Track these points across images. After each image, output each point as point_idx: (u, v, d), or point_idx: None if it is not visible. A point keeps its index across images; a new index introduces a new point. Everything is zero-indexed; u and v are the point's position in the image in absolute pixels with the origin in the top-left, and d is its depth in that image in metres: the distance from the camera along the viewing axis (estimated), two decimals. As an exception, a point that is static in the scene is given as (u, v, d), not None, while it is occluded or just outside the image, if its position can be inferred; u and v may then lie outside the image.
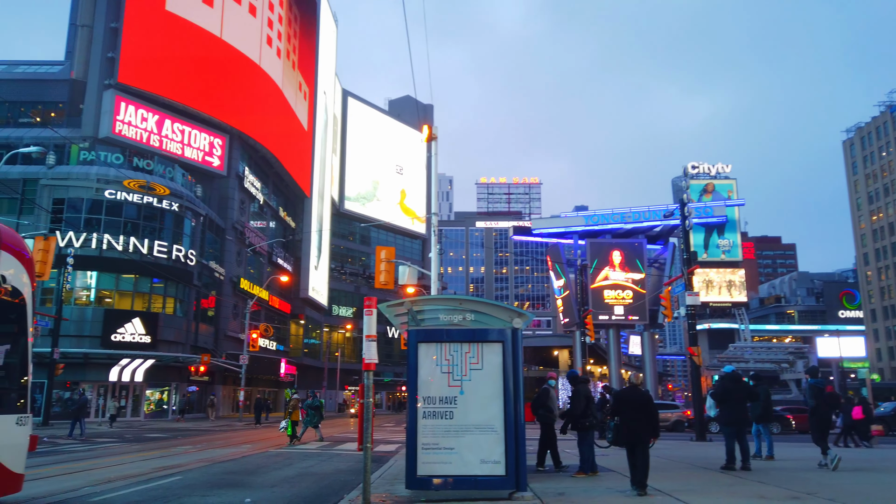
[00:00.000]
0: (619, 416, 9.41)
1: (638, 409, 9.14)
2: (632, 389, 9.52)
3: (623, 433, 9.26)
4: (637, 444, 9.12)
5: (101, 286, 37.59)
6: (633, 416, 9.15)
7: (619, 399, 9.58)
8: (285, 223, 63.43)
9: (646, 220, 47.07)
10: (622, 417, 9.31)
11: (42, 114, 42.58)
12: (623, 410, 9.33)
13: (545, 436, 12.17)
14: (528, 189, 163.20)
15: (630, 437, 9.16)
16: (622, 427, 9.28)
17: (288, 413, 20.72)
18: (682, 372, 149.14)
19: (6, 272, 8.03)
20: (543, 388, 12.64)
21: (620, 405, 9.43)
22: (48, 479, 11.03)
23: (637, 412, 9.14)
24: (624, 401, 9.40)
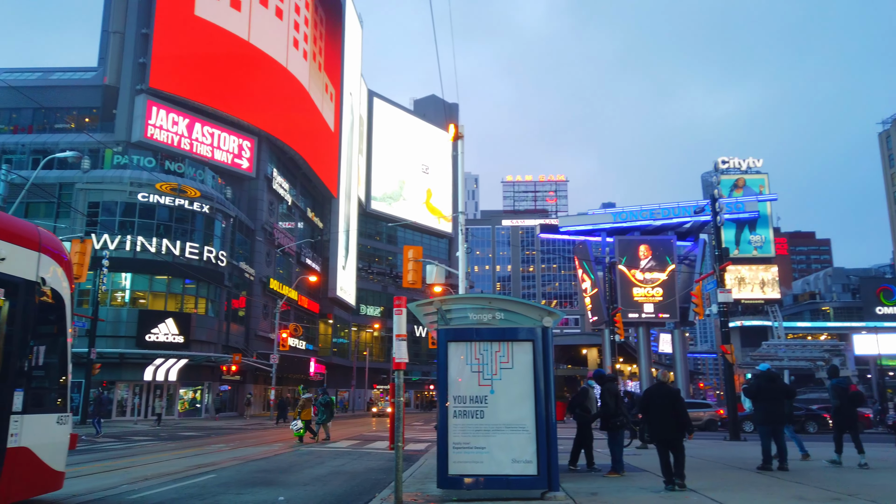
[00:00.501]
0: (648, 413, 9.50)
1: (666, 406, 9.25)
2: (659, 386, 9.65)
3: (653, 430, 9.39)
4: (667, 441, 9.26)
5: (136, 287, 38.38)
6: (661, 413, 9.25)
7: (648, 396, 9.67)
8: (313, 224, 64.02)
9: (675, 216, 46.36)
10: (651, 414, 9.41)
11: (77, 119, 43.60)
12: (652, 407, 9.44)
13: (581, 435, 12.09)
14: (554, 186, 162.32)
15: (660, 434, 9.30)
16: (651, 424, 9.39)
17: (298, 412, 20.59)
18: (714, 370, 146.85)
19: (45, 274, 8.23)
20: (582, 387, 12.62)
21: (649, 402, 9.53)
22: (88, 477, 11.29)
23: (665, 408, 9.24)
24: (652, 397, 9.51)
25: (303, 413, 20.27)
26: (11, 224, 8.03)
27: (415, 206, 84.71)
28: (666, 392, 9.45)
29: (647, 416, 9.59)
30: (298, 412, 20.44)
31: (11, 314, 7.68)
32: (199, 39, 44.20)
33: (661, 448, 9.40)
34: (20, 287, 7.78)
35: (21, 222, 8.43)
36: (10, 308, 7.66)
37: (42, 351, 8.39)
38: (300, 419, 20.23)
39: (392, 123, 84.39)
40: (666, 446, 9.32)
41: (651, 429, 9.53)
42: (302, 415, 20.24)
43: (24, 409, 7.66)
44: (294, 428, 20.17)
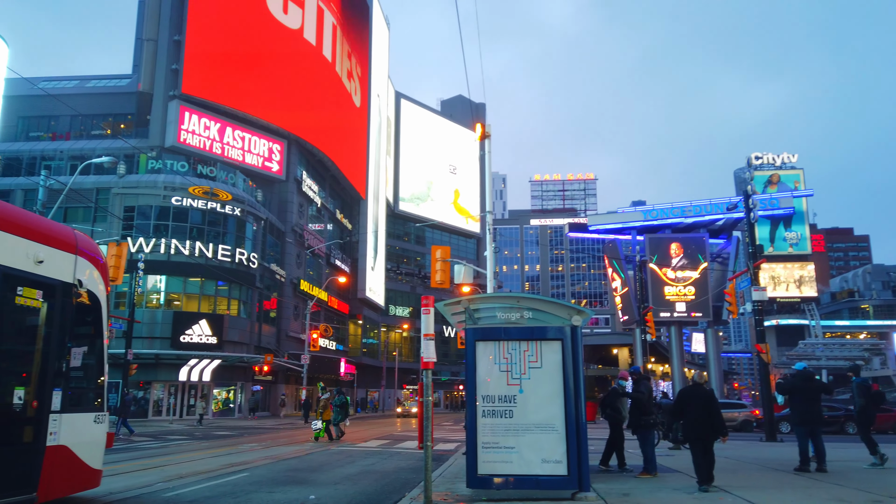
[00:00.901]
0: (683, 414, 9.55)
1: (701, 407, 9.31)
2: (695, 387, 9.70)
3: (687, 430, 9.44)
4: (701, 441, 9.30)
5: (170, 289, 39.13)
6: (696, 414, 9.31)
7: (683, 397, 9.70)
8: (342, 225, 64.53)
9: (707, 213, 45.62)
10: (686, 414, 9.46)
11: (112, 125, 44.66)
12: (686, 408, 9.49)
13: (612, 435, 11.97)
14: (583, 185, 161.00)
15: (694, 434, 9.34)
16: (686, 424, 9.44)
17: (319, 413, 20.73)
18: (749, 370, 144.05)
19: (82, 276, 8.42)
20: (612, 387, 12.48)
21: (684, 403, 9.58)
22: (124, 475, 11.53)
23: (700, 410, 9.30)
24: (687, 398, 9.56)
25: (324, 413, 20.48)
26: (49, 227, 8.24)
27: (442, 206, 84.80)
28: (701, 393, 9.51)
29: (683, 416, 9.64)
30: (320, 412, 20.65)
31: (49, 315, 7.88)
32: (231, 42, 44.91)
33: (695, 448, 9.41)
34: (58, 289, 7.97)
35: (58, 226, 8.65)
36: (48, 309, 7.86)
37: (79, 351, 8.57)
38: (320, 419, 20.46)
39: (419, 124, 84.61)
40: (700, 446, 9.34)
41: (686, 429, 9.57)
42: (323, 415, 20.45)
43: (62, 408, 7.85)
44: (314, 428, 20.40)
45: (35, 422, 7.52)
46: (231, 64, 44.85)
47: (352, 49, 64.35)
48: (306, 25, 52.87)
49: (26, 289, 7.52)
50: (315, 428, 20.42)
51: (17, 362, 7.69)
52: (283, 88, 49.16)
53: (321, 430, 20.34)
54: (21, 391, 7.45)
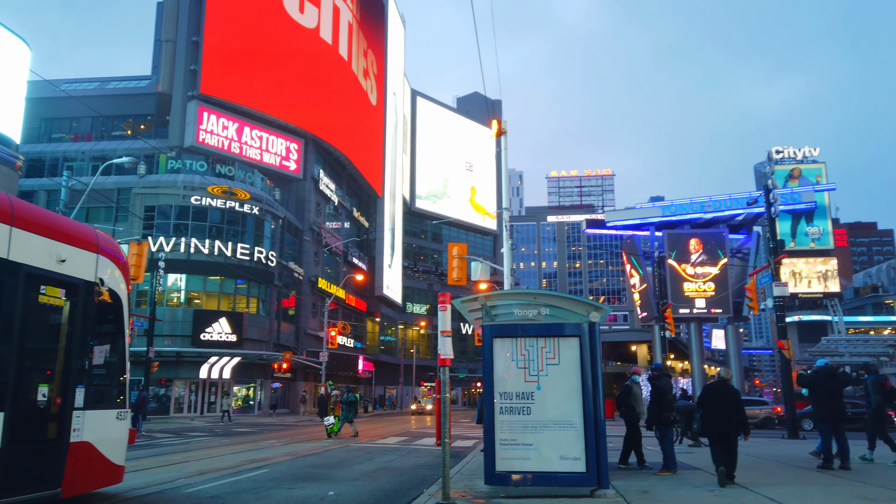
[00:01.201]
0: (706, 410, 9.59)
1: (725, 404, 9.36)
2: (720, 384, 9.73)
3: (710, 426, 9.49)
4: (724, 438, 9.37)
5: (190, 288, 39.57)
6: (720, 410, 9.35)
7: (707, 392, 9.75)
8: (359, 223, 64.77)
9: (727, 208, 45.07)
10: (709, 411, 9.51)
11: (133, 126, 45.23)
12: (710, 404, 9.54)
13: (629, 433, 11.89)
14: (600, 181, 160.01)
15: (717, 430, 9.39)
16: (709, 420, 9.47)
17: (331, 409, 20.85)
18: (770, 367, 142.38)
19: (103, 275, 8.53)
20: (626, 384, 12.38)
21: (708, 398, 9.63)
22: (146, 471, 11.68)
23: (724, 406, 9.35)
24: (711, 394, 9.61)
25: (334, 410, 20.63)
26: (71, 227, 8.36)
27: (459, 203, 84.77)
28: (727, 390, 9.56)
29: (706, 412, 9.65)
30: (331, 409, 20.78)
31: (72, 314, 7.99)
32: (248, 42, 45.23)
33: (715, 444, 9.47)
34: (80, 288, 8.08)
35: (80, 225, 8.77)
36: (70, 308, 7.97)
37: (101, 349, 8.68)
38: (333, 415, 20.59)
39: (435, 122, 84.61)
40: (722, 443, 9.38)
41: (708, 425, 9.57)
42: (334, 411, 20.59)
43: (85, 405, 7.96)
44: (327, 424, 20.53)
45: (59, 418, 7.63)
46: (248, 64, 45.18)
47: (368, 47, 64.50)
48: (322, 24, 53.07)
49: (49, 287, 7.63)
50: (328, 424, 20.58)
51: (40, 360, 7.82)
52: (299, 87, 49.42)
53: (335, 425, 20.48)
54: (45, 388, 7.57)
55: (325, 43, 53.46)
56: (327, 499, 8.95)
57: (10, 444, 6.76)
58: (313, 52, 51.82)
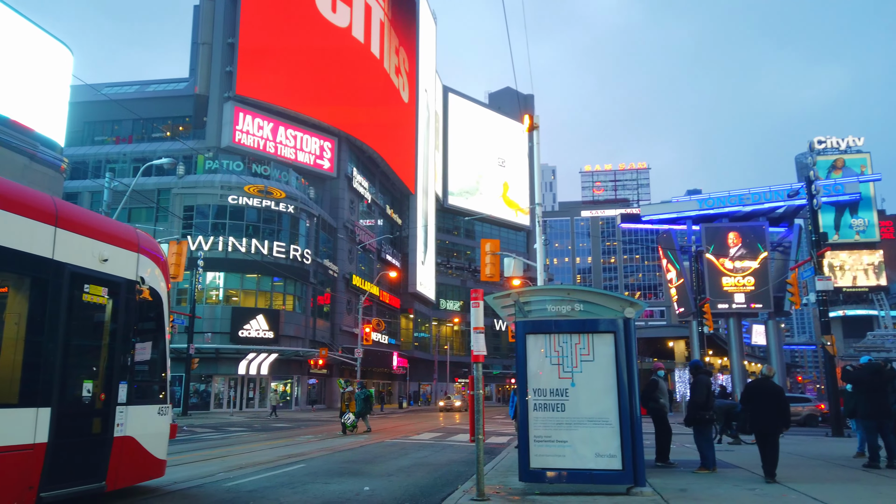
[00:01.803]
0: (750, 407, 9.65)
1: (769, 401, 9.42)
2: (763, 381, 9.77)
3: (753, 423, 9.54)
4: (767, 435, 9.41)
5: (228, 286, 40.34)
6: (764, 407, 9.42)
7: (750, 389, 9.80)
8: (392, 220, 65.12)
9: (767, 200, 43.96)
10: (752, 408, 9.56)
11: (171, 128, 46.25)
12: (754, 401, 9.58)
13: (659, 429, 11.72)
14: (635, 175, 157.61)
15: (761, 427, 9.47)
16: (753, 417, 9.54)
17: (346, 406, 21.06)
18: (814, 363, 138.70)
19: (144, 274, 8.74)
20: (651, 379, 12.20)
21: (751, 395, 9.68)
22: (187, 465, 11.95)
23: (768, 403, 9.41)
24: (755, 391, 9.67)
25: (350, 405, 20.84)
26: (112, 227, 8.58)
27: (492, 199, 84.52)
28: (770, 387, 9.62)
29: (749, 408, 9.75)
30: (346, 405, 21.01)
31: (114, 312, 8.21)
32: (282, 42, 45.81)
33: (761, 441, 9.51)
34: (122, 286, 8.30)
35: (121, 225, 9.00)
36: (112, 306, 8.19)
37: (143, 346, 8.91)
38: (350, 411, 20.82)
39: (467, 118, 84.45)
40: (767, 440, 9.46)
41: (753, 422, 9.65)
42: (350, 407, 20.80)
43: (128, 400, 8.18)
44: (348, 421, 20.74)
45: (103, 414, 7.85)
46: (282, 64, 45.76)
47: (399, 45, 64.69)
48: (354, 23, 53.42)
49: (92, 286, 7.85)
50: (349, 421, 20.80)
51: (85, 357, 8.04)
52: (332, 86, 49.86)
53: (354, 421, 20.72)
54: (90, 384, 7.79)
55: (357, 41, 53.81)
56: (363, 494, 9.03)
57: (56, 438, 6.98)
58: (346, 50, 52.21)
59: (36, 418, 6.78)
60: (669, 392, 12.68)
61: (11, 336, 6.91)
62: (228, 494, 8.80)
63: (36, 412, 6.79)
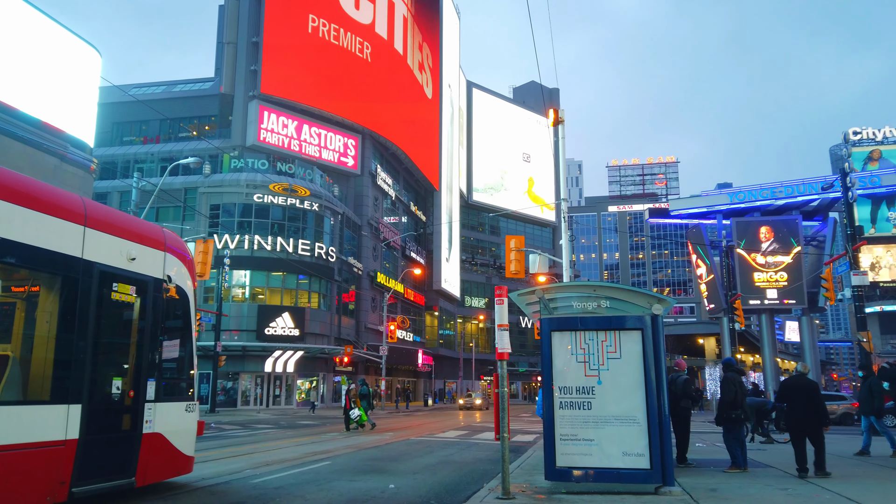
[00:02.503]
0: (785, 404, 9.92)
1: (804, 398, 9.52)
2: (798, 378, 9.87)
3: (788, 421, 9.81)
4: (805, 432, 9.54)
5: (254, 283, 40.76)
6: (799, 404, 9.51)
7: (786, 387, 9.90)
8: (416, 217, 65.18)
9: (800, 194, 43.01)
10: (790, 405, 9.79)
11: (197, 127, 46.85)
12: (789, 398, 9.79)
13: (678, 429, 11.51)
14: (663, 169, 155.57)
15: (797, 425, 9.62)
16: (787, 414, 9.82)
17: (351, 403, 21.23)
18: (849, 360, 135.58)
19: (171, 272, 8.83)
20: (670, 377, 12.01)
21: (787, 393, 9.80)
22: (214, 462, 12.07)
23: (803, 400, 9.52)
24: (790, 389, 9.76)
25: (356, 402, 21.04)
26: (140, 226, 8.68)
27: (516, 195, 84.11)
28: (805, 384, 9.68)
29: (786, 406, 9.98)
30: (353, 402, 21.15)
31: (142, 310, 8.30)
32: (305, 40, 46.07)
33: (797, 438, 9.66)
34: (149, 284, 8.39)
35: (148, 224, 9.09)
36: (140, 304, 8.28)
37: (170, 344, 9.00)
38: (357, 408, 21.00)
39: (491, 113, 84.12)
40: (803, 437, 9.59)
41: (788, 419, 9.82)
42: (356, 403, 21.00)
43: (156, 397, 8.27)
44: (354, 417, 20.89)
45: (132, 410, 7.95)
46: (306, 62, 46.04)
47: (423, 40, 64.65)
48: (378, 19, 53.51)
49: (121, 285, 7.94)
50: (354, 416, 20.98)
51: (114, 354, 8.14)
52: (356, 83, 50.02)
53: (360, 417, 20.92)
54: (119, 381, 7.88)
55: (380, 38, 53.90)
56: (388, 492, 9.01)
57: (87, 435, 7.08)
58: (369, 47, 52.31)
59: (67, 415, 6.88)
60: (698, 390, 12.54)
61: (43, 334, 7.02)
62: (255, 491, 8.85)
63: (67, 409, 6.89)
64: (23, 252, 6.59)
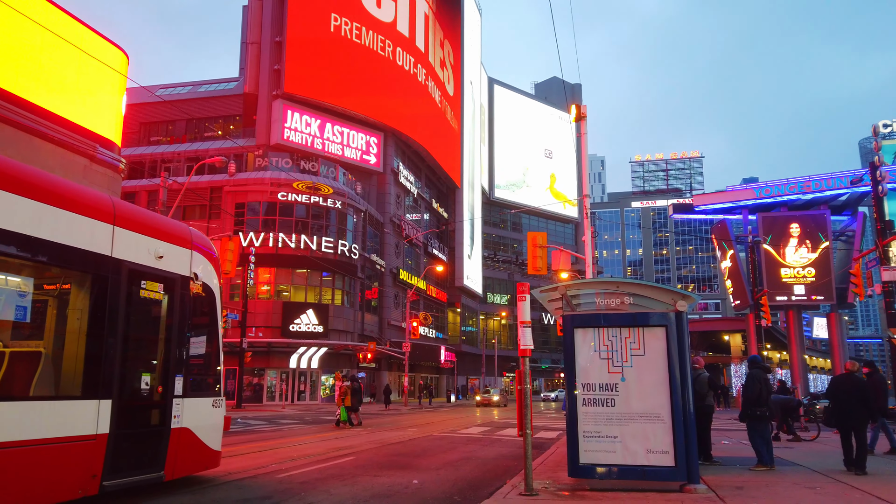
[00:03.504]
0: (834, 401, 10.22)
1: (852, 395, 9.80)
2: (847, 376, 10.20)
3: (838, 417, 10.06)
4: (850, 429, 9.84)
5: (279, 281, 41.17)
6: (847, 402, 9.89)
7: (834, 385, 10.30)
8: (438, 214, 65.25)
9: (828, 188, 42.16)
10: (837, 402, 10.09)
11: (223, 126, 47.44)
12: (838, 395, 10.08)
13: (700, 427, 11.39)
14: (687, 164, 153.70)
15: (845, 422, 9.90)
16: (836, 412, 10.08)
17: (342, 399, 21.32)
18: (879, 357, 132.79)
19: (197, 270, 8.97)
20: (711, 378, 11.89)
21: (835, 391, 10.19)
22: (241, 457, 12.25)
23: (851, 398, 9.79)
24: (838, 387, 10.14)
25: (345, 400, 21.27)
26: (167, 225, 8.83)
27: (538, 192, 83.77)
28: (853, 382, 9.99)
29: (833, 403, 10.30)
30: (343, 399, 21.35)
31: (170, 307, 8.45)
32: (328, 39, 46.35)
33: (844, 434, 9.97)
34: (176, 282, 8.54)
35: (175, 223, 9.25)
36: (168, 301, 8.43)
37: (198, 340, 9.15)
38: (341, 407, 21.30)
39: (513, 109, 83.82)
40: (849, 434, 9.87)
41: (837, 416, 10.11)
42: (345, 401, 21.25)
43: (184, 393, 8.42)
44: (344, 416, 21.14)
45: (160, 406, 8.11)
46: (329, 60, 46.32)
47: (444, 37, 64.62)
48: (399, 17, 53.62)
49: (149, 282, 8.09)
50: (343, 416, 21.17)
51: (143, 351, 8.31)
52: (378, 81, 50.20)
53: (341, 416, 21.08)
54: (147, 377, 8.04)
55: (402, 35, 54.00)
56: (411, 487, 9.07)
57: (117, 429, 7.24)
58: (390, 45, 52.45)
59: (98, 410, 7.04)
60: (724, 387, 12.50)
61: (74, 331, 7.18)
62: (281, 485, 8.97)
63: (98, 404, 7.05)
64: (55, 251, 6.75)
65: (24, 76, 12.00)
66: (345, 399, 21.26)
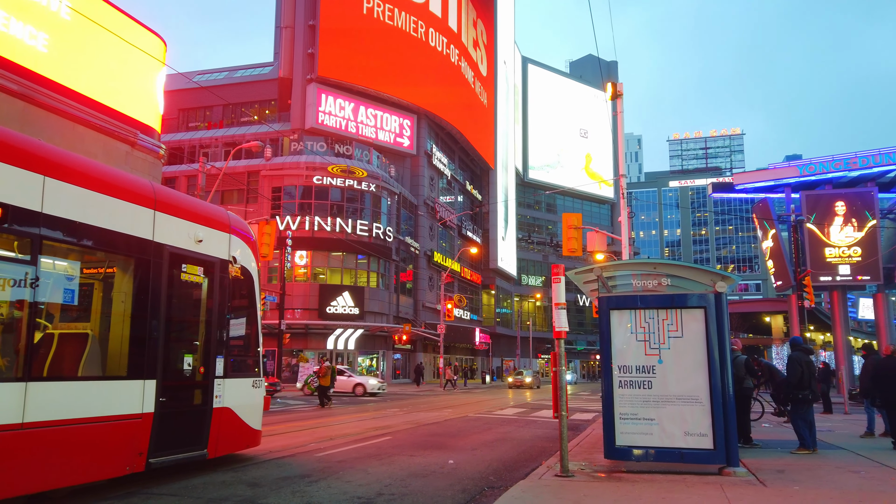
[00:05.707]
0: (880, 385, 10.69)
1: None
2: (889, 358, 10.64)
3: (884, 398, 10.63)
4: None
5: (315, 264, 41.71)
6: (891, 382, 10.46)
7: (880, 366, 10.76)
8: (472, 196, 65.06)
9: (876, 164, 40.60)
10: (882, 383, 10.61)
11: (258, 111, 47.97)
12: (882, 377, 10.59)
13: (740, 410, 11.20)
14: (727, 141, 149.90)
15: (891, 401, 10.46)
16: (883, 393, 10.62)
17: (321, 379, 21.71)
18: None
19: (235, 253, 9.15)
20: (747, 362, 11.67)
21: (880, 372, 10.67)
22: (281, 436, 12.54)
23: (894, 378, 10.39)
24: (885, 367, 10.60)
25: (322, 380, 21.66)
26: (206, 209, 9.01)
27: (573, 172, 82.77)
28: None
29: (878, 384, 10.76)
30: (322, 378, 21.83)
31: (210, 290, 8.65)
32: (360, 22, 46.28)
33: (892, 413, 10.56)
34: (216, 265, 8.72)
35: (213, 207, 9.42)
36: (208, 284, 8.63)
37: (237, 322, 9.36)
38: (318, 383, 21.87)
39: (547, 89, 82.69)
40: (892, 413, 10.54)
41: (883, 395, 10.65)
42: (321, 381, 21.65)
43: (224, 374, 8.64)
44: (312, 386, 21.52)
45: (203, 386, 8.34)
46: (362, 43, 46.30)
47: (477, 17, 63.88)
48: (431, -2, 53.16)
49: (189, 266, 8.29)
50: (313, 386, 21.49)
51: (185, 332, 8.54)
52: (411, 63, 50.01)
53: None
54: (189, 358, 8.27)
55: (434, 16, 53.58)
56: (447, 467, 9.16)
57: (162, 409, 7.48)
58: (423, 26, 52.10)
59: (143, 390, 7.27)
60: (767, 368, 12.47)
61: (119, 313, 7.41)
62: (320, 464, 9.16)
63: (143, 384, 7.28)
64: (99, 235, 6.95)
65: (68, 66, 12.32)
66: (324, 379, 21.71)
